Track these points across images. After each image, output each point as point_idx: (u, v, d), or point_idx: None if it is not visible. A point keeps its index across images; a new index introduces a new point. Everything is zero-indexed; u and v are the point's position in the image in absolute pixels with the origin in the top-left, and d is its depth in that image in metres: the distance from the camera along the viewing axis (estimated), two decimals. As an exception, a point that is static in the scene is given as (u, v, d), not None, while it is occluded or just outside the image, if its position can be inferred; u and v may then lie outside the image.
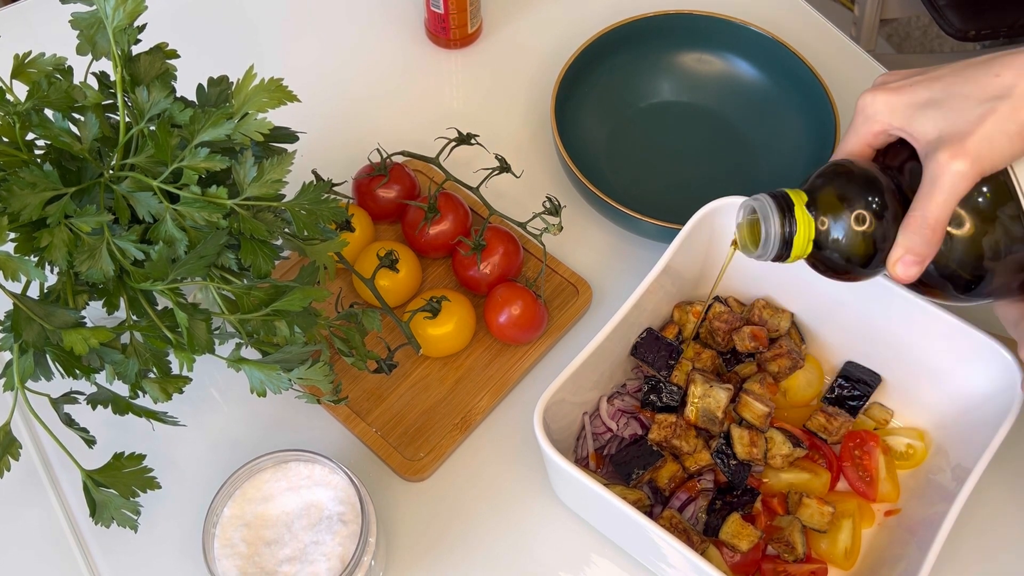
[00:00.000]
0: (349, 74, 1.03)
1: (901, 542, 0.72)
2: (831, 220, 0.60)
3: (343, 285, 0.87)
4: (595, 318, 0.87)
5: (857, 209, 0.59)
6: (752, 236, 0.64)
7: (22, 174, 0.61)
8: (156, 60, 0.68)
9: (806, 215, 0.60)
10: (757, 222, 0.62)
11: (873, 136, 0.62)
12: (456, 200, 0.87)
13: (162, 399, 0.68)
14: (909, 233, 0.58)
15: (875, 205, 0.59)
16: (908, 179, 0.60)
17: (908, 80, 0.61)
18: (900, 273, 0.59)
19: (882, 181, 0.60)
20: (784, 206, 0.60)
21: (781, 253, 0.61)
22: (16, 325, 0.62)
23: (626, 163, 0.95)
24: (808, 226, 0.60)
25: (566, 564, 0.76)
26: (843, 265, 0.61)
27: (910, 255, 0.58)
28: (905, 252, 0.58)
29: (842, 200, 0.60)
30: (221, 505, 0.67)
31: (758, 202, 0.62)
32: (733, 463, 0.74)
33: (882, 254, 0.60)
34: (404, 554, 0.77)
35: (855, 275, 0.62)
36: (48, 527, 0.78)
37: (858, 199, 0.59)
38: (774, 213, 0.60)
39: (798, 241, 0.60)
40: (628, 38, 0.97)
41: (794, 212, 0.60)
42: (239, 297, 0.65)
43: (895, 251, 0.59)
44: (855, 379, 0.79)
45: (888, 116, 0.60)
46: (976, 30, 1.29)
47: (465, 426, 0.81)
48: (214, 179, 0.67)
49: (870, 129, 0.62)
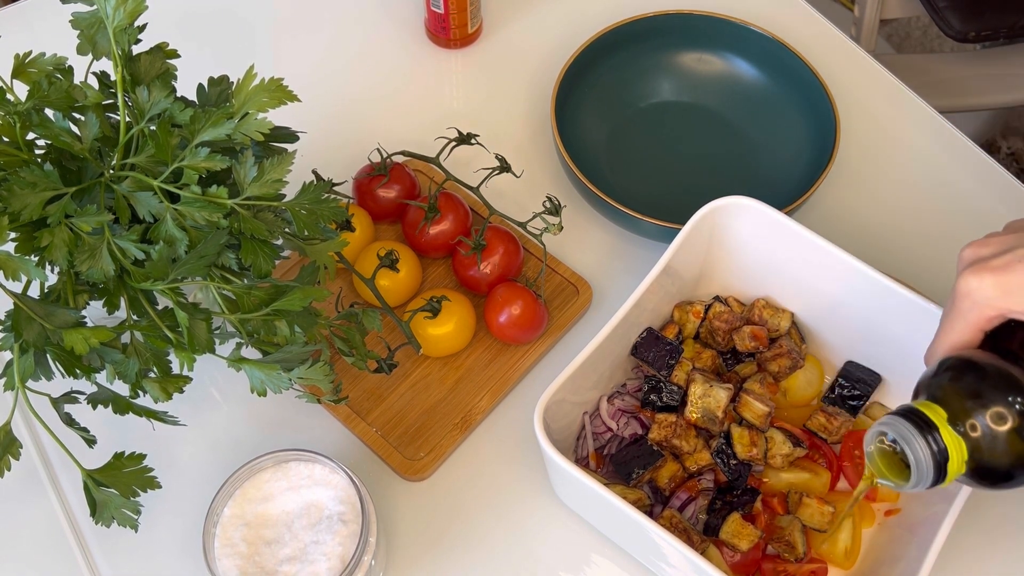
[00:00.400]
0: (349, 74, 1.03)
1: (901, 542, 0.72)
2: (982, 430, 0.54)
3: (343, 285, 0.87)
4: (595, 318, 0.87)
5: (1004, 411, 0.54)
6: (888, 464, 0.59)
7: (22, 174, 0.61)
8: (156, 60, 0.68)
9: (953, 434, 0.54)
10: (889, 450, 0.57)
11: (986, 322, 0.58)
12: (456, 200, 0.87)
13: (162, 399, 0.68)
14: None
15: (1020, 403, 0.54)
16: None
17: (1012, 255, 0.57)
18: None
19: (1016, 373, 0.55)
20: (923, 427, 0.55)
21: (937, 478, 0.55)
22: (16, 325, 0.62)
23: (626, 163, 0.95)
24: (959, 446, 0.54)
25: (566, 564, 0.76)
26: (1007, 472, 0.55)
27: None
28: None
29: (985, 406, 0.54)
30: (221, 505, 0.67)
31: (892, 427, 0.56)
32: (733, 463, 0.74)
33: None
34: (404, 554, 0.77)
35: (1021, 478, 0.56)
36: (48, 527, 0.78)
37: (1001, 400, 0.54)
38: (917, 438, 0.55)
39: (952, 465, 0.54)
40: (628, 38, 0.97)
41: (938, 432, 0.55)
42: (239, 297, 0.65)
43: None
44: (855, 379, 0.79)
45: (1004, 300, 0.56)
46: (976, 31, 1.29)
47: (465, 426, 0.81)
48: (214, 179, 0.67)
49: (982, 315, 0.57)
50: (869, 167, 0.96)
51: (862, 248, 0.78)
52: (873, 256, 0.78)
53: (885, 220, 0.93)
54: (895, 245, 0.91)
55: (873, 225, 0.93)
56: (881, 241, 0.91)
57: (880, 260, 0.79)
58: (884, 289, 0.72)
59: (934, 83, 1.33)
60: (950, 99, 1.33)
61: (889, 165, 0.97)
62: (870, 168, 0.96)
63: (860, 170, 0.96)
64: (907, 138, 0.99)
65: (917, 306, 0.71)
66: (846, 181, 0.95)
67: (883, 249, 0.91)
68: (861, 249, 0.76)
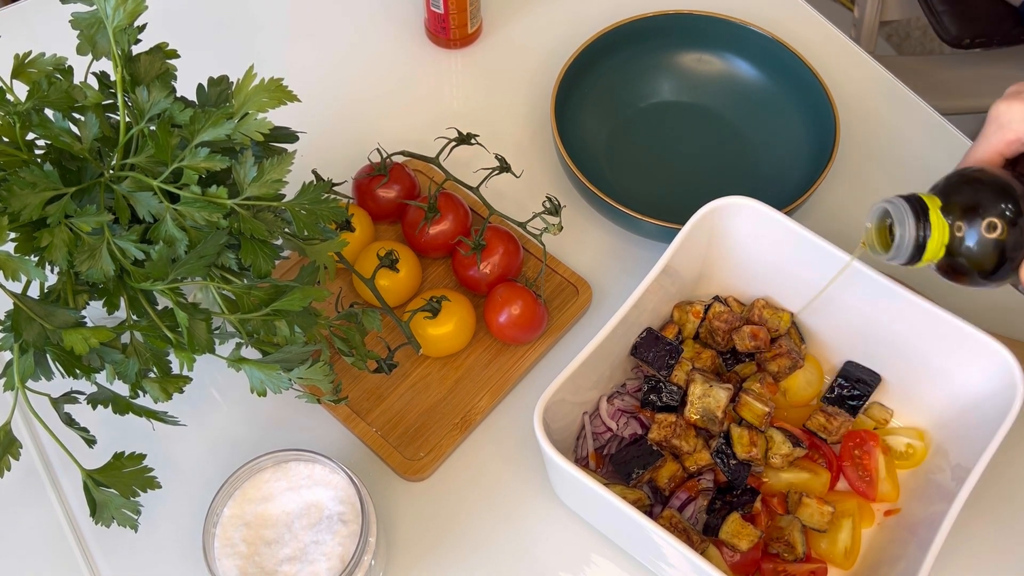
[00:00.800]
0: (349, 74, 1.03)
1: (901, 542, 0.72)
2: (965, 226, 0.60)
3: (343, 285, 0.87)
4: (595, 318, 0.87)
5: (991, 216, 0.60)
6: (882, 239, 0.64)
7: (22, 174, 0.61)
8: (156, 60, 0.68)
9: (941, 220, 0.60)
10: (887, 225, 0.63)
11: (1006, 144, 0.62)
12: (456, 200, 0.87)
13: (162, 399, 0.68)
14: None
15: (1009, 213, 0.60)
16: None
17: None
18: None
19: (1017, 189, 0.60)
20: (919, 210, 0.61)
21: (913, 257, 0.62)
22: (16, 325, 0.62)
23: (626, 163, 0.95)
24: (942, 231, 0.60)
25: (566, 564, 0.76)
26: (973, 271, 0.61)
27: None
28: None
29: (977, 207, 0.60)
30: (221, 505, 0.67)
31: (892, 205, 0.62)
32: (733, 463, 0.74)
33: (1012, 262, 0.60)
34: (404, 554, 0.77)
35: (983, 282, 0.62)
36: (48, 527, 0.78)
37: (993, 206, 0.60)
38: (909, 217, 0.61)
39: (931, 246, 0.61)
40: (628, 38, 0.97)
41: (928, 217, 0.60)
42: (239, 297, 0.65)
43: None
44: (855, 379, 0.79)
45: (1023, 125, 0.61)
46: (971, 37, 1.31)
47: (465, 426, 0.81)
48: (214, 179, 0.67)
49: (1003, 137, 0.62)
50: (869, 167, 0.96)
51: (862, 248, 0.78)
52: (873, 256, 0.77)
53: (885, 220, 0.93)
54: (895, 245, 0.91)
55: (873, 225, 0.93)
56: (881, 241, 0.91)
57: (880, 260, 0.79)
58: (884, 289, 0.72)
59: (933, 85, 1.33)
60: (949, 101, 1.33)
61: (889, 165, 0.97)
62: (870, 168, 0.96)
63: (860, 170, 0.96)
64: (907, 138, 0.99)
65: (917, 306, 0.71)
66: (846, 181, 0.95)
67: (883, 249, 0.91)
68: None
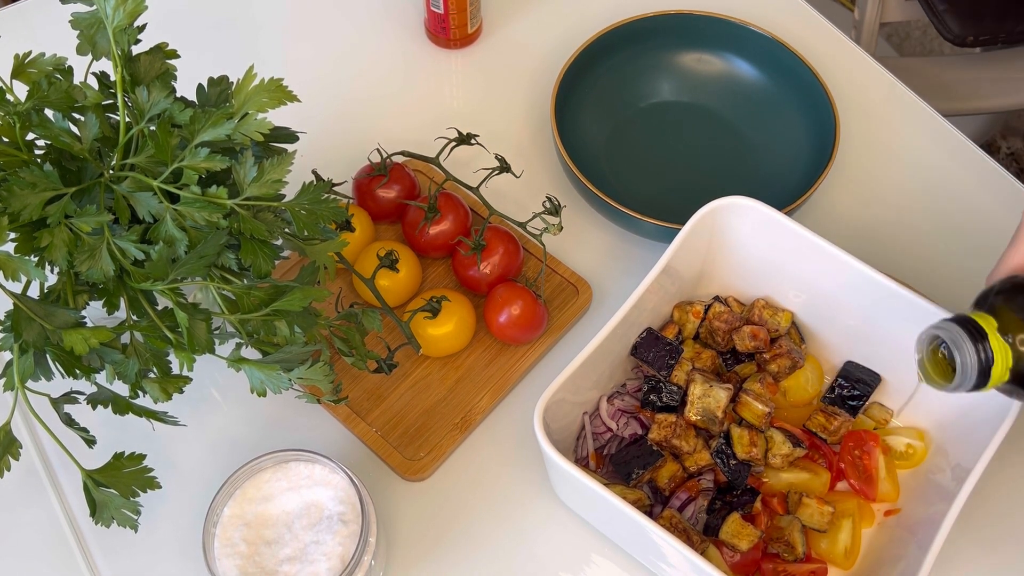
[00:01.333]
0: (349, 74, 1.03)
1: (901, 542, 0.72)
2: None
3: (343, 285, 0.87)
4: (595, 318, 0.87)
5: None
6: (937, 367, 0.61)
7: (22, 174, 0.61)
8: (156, 60, 0.68)
9: (1001, 342, 0.58)
10: (941, 351, 0.60)
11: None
12: (456, 200, 0.87)
13: (162, 399, 0.68)
14: None
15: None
16: None
17: None
18: None
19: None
20: (975, 333, 0.58)
21: (978, 384, 0.59)
22: (16, 325, 0.62)
23: (626, 163, 0.95)
24: (1006, 354, 0.58)
25: (566, 564, 0.76)
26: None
27: None
28: None
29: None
30: (221, 505, 0.67)
31: (945, 331, 0.59)
32: (733, 463, 0.74)
33: None
34: (404, 554, 0.77)
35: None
36: (48, 527, 0.78)
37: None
38: (966, 343, 0.58)
39: (996, 371, 0.58)
40: (628, 38, 0.97)
41: (987, 339, 0.58)
42: (239, 297, 0.65)
43: None
44: (855, 379, 0.79)
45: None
46: (975, 36, 1.30)
47: (465, 426, 0.81)
48: (214, 179, 0.67)
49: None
50: (869, 167, 0.96)
51: (862, 248, 0.78)
52: (873, 256, 0.78)
53: (885, 220, 0.93)
54: (895, 245, 0.91)
55: (873, 225, 0.93)
56: (881, 241, 0.91)
57: (880, 260, 0.79)
58: (884, 289, 0.72)
59: (934, 86, 1.33)
60: (950, 102, 1.33)
61: (889, 165, 0.97)
62: (870, 168, 0.96)
63: (860, 170, 0.96)
64: (907, 138, 0.99)
65: (917, 306, 0.71)
66: (846, 181, 0.95)
67: (883, 249, 0.91)
68: (861, 249, 0.76)
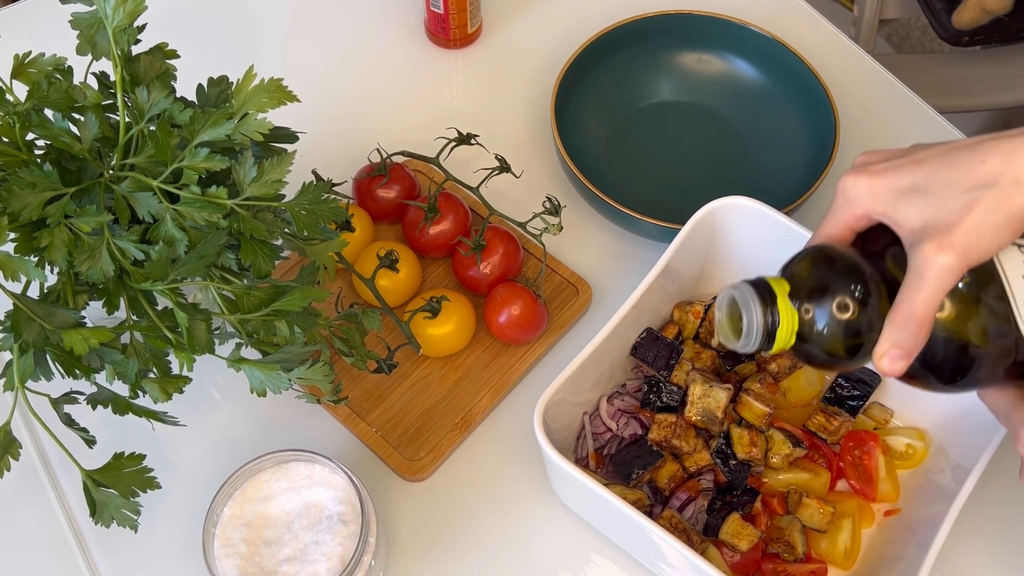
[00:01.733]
0: (349, 74, 1.03)
1: (901, 542, 0.72)
2: (815, 310, 0.57)
3: (343, 285, 0.87)
4: (595, 318, 0.87)
5: (840, 299, 0.56)
6: (733, 326, 0.61)
7: (22, 174, 0.61)
8: (156, 60, 0.68)
9: (789, 307, 0.57)
10: (738, 311, 0.59)
11: (855, 220, 0.59)
12: (456, 200, 0.87)
13: (162, 399, 0.68)
14: (895, 328, 0.55)
15: (859, 294, 0.56)
16: (891, 265, 0.57)
17: (891, 163, 0.58)
18: (886, 367, 0.56)
19: (865, 269, 0.57)
20: (766, 296, 0.58)
21: (764, 344, 0.58)
22: (16, 325, 0.62)
23: (626, 163, 0.95)
24: (791, 318, 0.57)
25: (566, 564, 0.76)
26: (827, 357, 0.58)
27: (896, 349, 0.55)
28: (891, 347, 0.55)
29: (825, 289, 0.57)
30: (221, 505, 0.67)
31: (738, 291, 0.59)
32: (733, 463, 0.74)
33: (868, 345, 0.57)
34: (404, 554, 0.77)
35: (840, 366, 0.59)
36: (48, 527, 0.78)
37: (842, 288, 0.57)
38: (755, 304, 0.57)
39: (781, 334, 0.57)
40: (628, 38, 0.97)
41: (776, 303, 0.57)
42: (239, 297, 0.65)
43: (881, 345, 0.56)
44: (855, 379, 0.79)
45: (870, 201, 0.58)
46: (970, 35, 1.30)
47: (465, 426, 0.81)
48: (214, 179, 0.67)
49: (851, 213, 0.59)
50: (869, 167, 0.96)
51: (862, 248, 0.78)
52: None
53: (885, 220, 0.93)
54: (895, 245, 0.91)
55: (873, 225, 0.93)
56: (881, 241, 0.91)
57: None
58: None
59: (933, 83, 1.33)
60: (949, 99, 1.33)
61: (889, 165, 0.97)
62: (870, 168, 0.96)
63: (860, 170, 0.96)
64: (907, 138, 0.99)
65: (917, 306, 0.71)
66: (846, 181, 0.95)
67: (883, 249, 0.91)
68: (861, 249, 0.76)
